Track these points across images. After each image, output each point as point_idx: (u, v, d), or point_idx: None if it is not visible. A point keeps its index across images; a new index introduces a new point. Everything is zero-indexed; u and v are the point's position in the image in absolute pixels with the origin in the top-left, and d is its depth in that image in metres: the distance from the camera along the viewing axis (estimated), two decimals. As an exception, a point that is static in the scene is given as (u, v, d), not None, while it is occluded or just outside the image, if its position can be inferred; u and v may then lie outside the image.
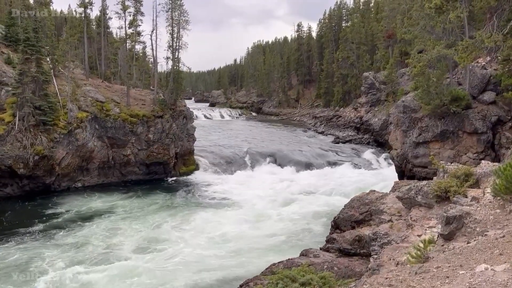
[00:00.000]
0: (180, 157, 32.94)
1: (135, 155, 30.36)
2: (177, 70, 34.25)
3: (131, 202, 25.27)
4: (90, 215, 22.40)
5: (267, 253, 17.26)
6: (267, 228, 20.44)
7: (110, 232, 19.77)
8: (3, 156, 24.13)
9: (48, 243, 18.32)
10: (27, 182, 25.44)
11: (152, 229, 20.31)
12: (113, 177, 29.92)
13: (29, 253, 17.06)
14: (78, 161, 27.70)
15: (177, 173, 32.34)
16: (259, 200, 25.32)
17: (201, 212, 23.34)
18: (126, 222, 21.44)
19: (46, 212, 22.86)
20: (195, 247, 17.98)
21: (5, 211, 22.68)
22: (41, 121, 25.36)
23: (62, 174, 26.77)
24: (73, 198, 25.59)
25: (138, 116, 30.55)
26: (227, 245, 18.41)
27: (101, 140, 29.01)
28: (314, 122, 64.81)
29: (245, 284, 11.07)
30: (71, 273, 15.18)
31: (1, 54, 28.62)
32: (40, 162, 25.12)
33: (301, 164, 35.01)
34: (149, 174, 31.19)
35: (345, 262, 11.03)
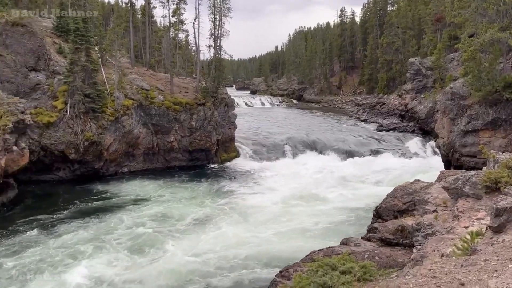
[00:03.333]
0: (221, 144, 33.42)
1: (178, 142, 31.11)
2: (219, 58, 34.55)
3: (175, 187, 26.01)
4: (137, 198, 23.30)
5: (307, 240, 17.29)
6: (307, 216, 20.42)
7: (156, 215, 20.48)
8: (56, 142, 25.51)
9: (98, 224, 19.27)
10: (78, 166, 26.80)
11: (195, 213, 20.82)
12: (158, 163, 30.88)
13: (80, 233, 18.06)
14: (125, 147, 28.77)
15: (218, 160, 32.87)
16: (299, 188, 25.30)
17: (242, 197, 23.66)
18: (171, 206, 22.13)
19: (96, 195, 24.02)
20: (236, 231, 18.30)
21: (58, 193, 24.06)
22: (90, 108, 26.49)
23: (110, 160, 27.96)
24: (120, 182, 26.70)
25: (181, 104, 31.20)
26: (266, 231, 18.60)
27: (146, 127, 29.94)
28: (357, 109, 63.49)
29: (285, 270, 11.16)
30: (122, 253, 15.97)
31: (53, 44, 30.00)
32: (89, 147, 26.33)
33: (343, 152, 34.53)
34: (192, 161, 31.91)
35: (386, 252, 10.85)
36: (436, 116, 35.76)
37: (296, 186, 25.82)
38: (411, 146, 37.14)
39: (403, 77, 53.80)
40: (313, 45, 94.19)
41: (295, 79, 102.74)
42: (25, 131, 22.97)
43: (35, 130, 25.02)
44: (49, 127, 25.53)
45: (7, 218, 20.01)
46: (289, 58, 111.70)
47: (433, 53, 45.08)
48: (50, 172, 26.33)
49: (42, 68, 27.26)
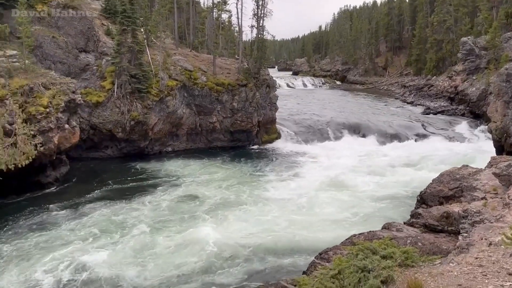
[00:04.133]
0: (262, 125, 33.49)
1: (220, 122, 31.49)
2: (261, 39, 34.31)
3: (217, 167, 26.47)
4: (180, 177, 23.95)
5: (348, 224, 17.17)
6: (348, 199, 20.21)
7: (197, 194, 21.02)
8: (104, 121, 26.58)
9: (141, 199, 20.06)
10: (124, 145, 27.84)
11: (235, 194, 21.16)
12: (200, 143, 31.49)
13: (123, 207, 18.92)
14: (169, 127, 29.50)
15: (259, 141, 33.02)
16: (340, 171, 24.98)
17: (283, 179, 23.71)
18: (214, 184, 22.63)
19: (141, 172, 24.92)
20: (276, 214, 18.44)
21: (106, 170, 25.18)
22: (136, 88, 27.28)
23: (154, 139, 28.82)
24: (164, 161, 27.51)
25: (224, 85, 31.43)
26: (306, 213, 18.61)
27: (189, 108, 30.50)
28: (403, 91, 61.32)
29: (325, 252, 11.17)
30: (164, 227, 16.61)
31: (102, 26, 30.94)
32: (135, 127, 27.23)
33: (387, 135, 33.66)
34: (233, 141, 32.26)
35: (430, 238, 10.58)
36: (489, 99, 33.93)
37: (337, 169, 25.51)
38: (459, 130, 35.59)
39: (454, 58, 51.19)
40: (358, 25, 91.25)
41: (338, 59, 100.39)
42: (76, 110, 24.03)
43: (85, 109, 26.19)
44: (97, 106, 26.62)
45: (60, 191, 21.32)
46: (333, 38, 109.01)
47: (487, 32, 42.48)
48: (98, 150, 27.57)
49: (92, 49, 28.30)
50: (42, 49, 25.73)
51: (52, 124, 20.45)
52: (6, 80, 19.56)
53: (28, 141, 18.08)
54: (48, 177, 21.57)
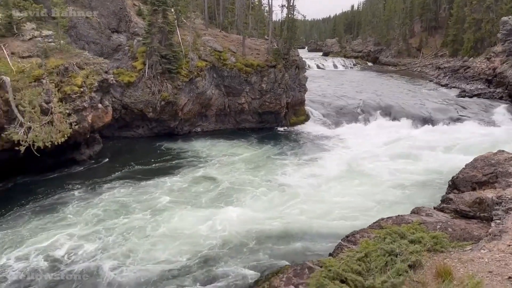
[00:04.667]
0: (291, 107, 33.28)
1: (248, 103, 31.50)
2: (292, 19, 33.76)
3: (244, 148, 26.63)
4: (207, 157, 24.28)
5: (376, 207, 17.03)
6: (377, 183, 19.99)
7: (225, 173, 21.30)
8: (135, 101, 27.10)
9: (171, 178, 20.52)
10: (155, 125, 28.36)
11: (264, 174, 21.31)
12: (229, 124, 31.69)
13: (144, 187, 19.45)
14: (198, 107, 29.77)
15: (287, 123, 32.89)
16: (370, 154, 24.67)
17: (308, 163, 23.60)
18: (242, 165, 22.84)
19: (170, 152, 25.41)
20: (303, 195, 18.49)
21: (136, 149, 25.82)
22: (166, 69, 27.56)
23: (184, 119, 29.19)
24: (194, 141, 27.89)
25: (253, 66, 31.29)
26: (333, 196, 18.55)
27: (218, 89, 30.62)
28: (437, 73, 59.25)
29: (351, 235, 11.14)
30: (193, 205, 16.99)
31: (133, 6, 31.24)
32: (165, 107, 27.63)
33: (419, 118, 32.81)
34: (261, 123, 32.26)
35: (461, 224, 10.35)
36: (530, 82, 32.37)
37: (366, 152, 25.19)
38: (497, 114, 34.22)
39: (493, 38, 48.88)
40: (392, 4, 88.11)
41: (371, 40, 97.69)
42: (109, 90, 24.57)
43: (117, 89, 26.75)
44: (129, 86, 27.13)
45: (93, 169, 22.04)
46: (365, 18, 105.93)
47: (531, 11, 40.23)
48: (130, 129, 28.22)
49: (123, 30, 28.68)
50: (76, 30, 26.29)
51: (86, 104, 21.03)
52: (42, 60, 20.17)
53: (63, 119, 18.69)
54: (82, 154, 22.34)
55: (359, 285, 6.53)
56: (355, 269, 6.97)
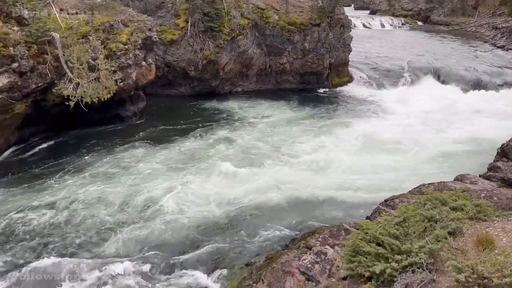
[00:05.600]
0: (334, 68, 32.41)
1: (290, 63, 30.95)
2: (338, -26, 32.22)
3: (283, 109, 26.47)
4: (249, 116, 24.44)
5: (417, 172, 16.66)
6: (420, 148, 19.43)
7: (267, 133, 21.44)
8: (178, 59, 27.33)
9: (210, 136, 20.97)
10: (196, 83, 28.63)
11: (304, 135, 21.25)
12: (269, 84, 31.43)
13: (194, 143, 19.99)
14: (239, 67, 29.63)
15: (329, 84, 32.18)
16: (415, 118, 23.88)
17: (348, 126, 23.15)
18: (281, 125, 22.88)
19: (211, 111, 25.76)
20: (343, 158, 18.33)
21: (178, 107, 26.37)
22: (208, 27, 27.38)
23: (225, 79, 29.23)
24: (234, 100, 28.03)
25: (296, 24, 30.44)
26: (373, 158, 18.27)
27: (260, 48, 30.19)
28: (494, 34, 55.25)
29: (390, 199, 11.04)
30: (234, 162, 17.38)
31: (176, -38, 30.80)
32: (207, 66, 27.71)
33: (470, 82, 31.08)
34: (302, 84, 31.75)
35: (508, 193, 9.96)
36: None
37: (410, 116, 24.39)
38: (558, 79, 31.84)
39: (562, -5, 44.63)
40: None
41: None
42: (152, 47, 24.82)
43: (160, 47, 27.00)
44: (172, 44, 27.30)
45: (137, 125, 22.81)
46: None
47: None
48: (173, 87, 28.68)
49: (166, -13, 28.53)
50: (120, -14, 26.44)
51: (131, 61, 21.44)
52: (89, 17, 20.56)
53: (109, 76, 19.20)
54: (127, 111, 23.08)
55: (396, 249, 6.53)
56: (392, 233, 6.95)
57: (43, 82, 18.06)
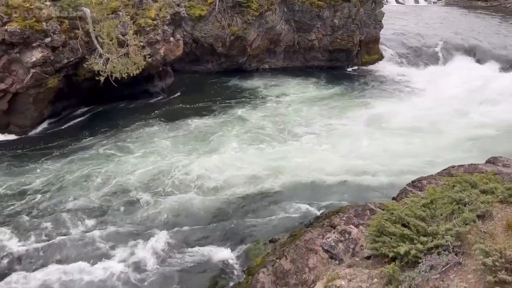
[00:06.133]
0: (364, 45, 31.56)
1: (319, 40, 30.33)
2: None
3: (310, 87, 26.14)
4: (276, 94, 24.32)
5: (446, 154, 16.29)
6: (451, 128, 18.91)
7: (294, 110, 21.32)
8: (206, 35, 27.23)
9: (238, 112, 21.10)
10: (224, 60, 28.55)
11: (331, 114, 21.01)
12: (297, 61, 30.98)
13: (217, 119, 20.23)
14: (267, 43, 29.28)
15: (359, 62, 31.45)
16: (448, 98, 23.15)
17: (380, 102, 22.72)
18: (308, 104, 22.64)
19: (239, 87, 25.75)
20: (364, 139, 18.06)
21: (205, 83, 26.42)
22: (237, 2, 27.04)
23: (252, 55, 29.01)
24: (261, 77, 27.84)
25: (325, 0, 29.65)
26: (401, 138, 17.94)
27: (288, 24, 29.67)
28: (536, 10, 52.36)
29: (418, 180, 10.86)
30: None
31: None
32: (235, 42, 27.53)
33: (508, 61, 29.71)
34: (331, 61, 31.14)
35: (543, 176, 9.63)
36: None
37: (442, 96, 23.65)
38: None
39: None
40: None
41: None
42: (180, 23, 24.82)
43: (188, 22, 26.90)
44: (200, 20, 27.15)
45: (166, 100, 23.08)
46: None
47: None
48: (200, 63, 28.69)
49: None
50: (149, -39, 26.27)
51: (159, 37, 21.53)
52: (118, -8, 20.65)
53: (138, 52, 19.37)
54: (155, 87, 23.36)
55: (422, 231, 6.47)
56: (419, 214, 6.87)
57: (74, 57, 18.44)
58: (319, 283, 6.62)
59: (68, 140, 17.77)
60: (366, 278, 6.28)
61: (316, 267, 8.14)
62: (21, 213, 12.75)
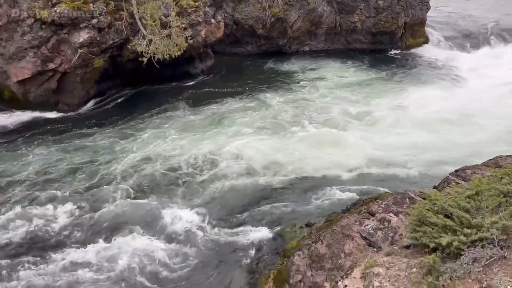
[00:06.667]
0: (409, 27, 30.40)
1: (362, 22, 29.48)
2: None
3: (354, 69, 25.59)
4: (316, 77, 24.04)
5: (493, 143, 15.59)
6: (499, 116, 18.00)
7: (328, 95, 21.04)
8: (246, 17, 27.14)
9: (279, 93, 21.18)
10: (264, 42, 28.39)
11: (368, 100, 20.56)
12: (338, 44, 30.31)
13: (255, 101, 20.41)
14: (308, 25, 28.80)
15: (403, 45, 30.38)
16: (497, 85, 22.01)
17: (422, 88, 21.93)
18: (349, 87, 22.27)
19: (276, 70, 25.63)
20: (407, 126, 17.58)
21: (246, 65, 26.44)
22: (279, -17, 26.72)
23: (292, 37, 28.66)
24: (302, 60, 27.50)
25: (370, -20, 28.70)
26: (444, 126, 17.33)
27: (330, 5, 28.98)
28: None
29: (462, 170, 10.50)
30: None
31: None
32: (275, 24, 27.29)
33: None
34: (374, 44, 30.25)
35: None
36: None
37: (490, 83, 22.46)
38: None
39: None
40: None
41: None
42: (221, 5, 24.86)
43: (229, 4, 26.89)
44: (241, 1, 27.05)
45: (205, 81, 23.33)
46: None
47: None
48: (240, 45, 28.69)
49: None
50: None
51: (200, 18, 21.66)
52: (162, -27, 20.85)
53: (180, 33, 19.59)
54: (196, 68, 23.65)
55: (465, 223, 6.30)
56: (463, 205, 6.68)
57: (119, 38, 18.92)
58: (356, 270, 6.63)
59: (113, 118, 18.46)
60: (405, 267, 6.23)
61: (352, 253, 8.14)
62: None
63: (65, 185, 13.51)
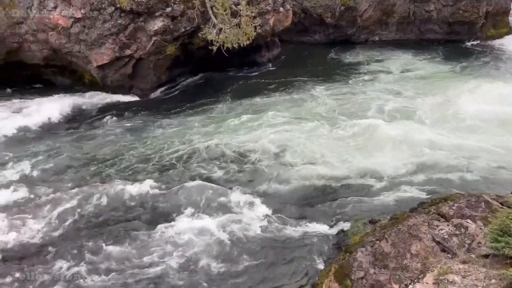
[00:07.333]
0: (491, 17, 28.31)
1: (438, 11, 27.86)
2: None
3: (427, 62, 24.39)
4: (385, 69, 23.22)
5: None
6: None
7: (391, 91, 20.26)
8: (315, 5, 26.73)
9: (345, 84, 20.78)
10: (332, 31, 27.85)
11: (443, 93, 19.50)
12: (411, 34, 28.95)
13: (319, 93, 20.06)
14: (379, 14, 27.77)
15: (483, 36, 28.38)
16: None
17: (500, 84, 20.38)
18: (415, 80, 21.34)
19: (346, 59, 25.11)
20: (482, 128, 16.49)
21: (310, 55, 26.14)
22: (350, -30, 25.95)
23: (362, 27, 27.82)
24: (371, 50, 26.72)
25: (450, -34, 26.96)
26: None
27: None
28: None
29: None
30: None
31: None
32: (344, 12, 26.62)
33: None
34: (450, 34, 28.53)
35: None
36: None
37: None
38: None
39: None
40: None
41: None
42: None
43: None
44: (310, -10, 26.66)
45: (271, 71, 23.41)
46: None
47: None
48: (307, 34, 28.40)
49: None
50: None
51: (269, 7, 21.64)
52: (234, -38, 21.00)
53: (249, 22, 19.72)
54: (262, 57, 23.75)
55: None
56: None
57: (190, 26, 19.44)
58: (429, 275, 6.42)
59: (184, 103, 19.18)
60: (483, 278, 5.93)
61: (419, 254, 7.89)
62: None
63: (138, 166, 14.28)
